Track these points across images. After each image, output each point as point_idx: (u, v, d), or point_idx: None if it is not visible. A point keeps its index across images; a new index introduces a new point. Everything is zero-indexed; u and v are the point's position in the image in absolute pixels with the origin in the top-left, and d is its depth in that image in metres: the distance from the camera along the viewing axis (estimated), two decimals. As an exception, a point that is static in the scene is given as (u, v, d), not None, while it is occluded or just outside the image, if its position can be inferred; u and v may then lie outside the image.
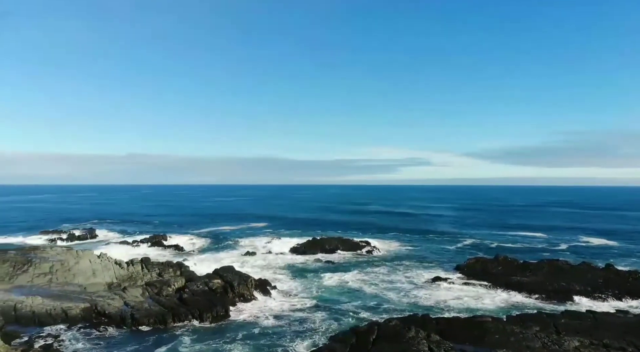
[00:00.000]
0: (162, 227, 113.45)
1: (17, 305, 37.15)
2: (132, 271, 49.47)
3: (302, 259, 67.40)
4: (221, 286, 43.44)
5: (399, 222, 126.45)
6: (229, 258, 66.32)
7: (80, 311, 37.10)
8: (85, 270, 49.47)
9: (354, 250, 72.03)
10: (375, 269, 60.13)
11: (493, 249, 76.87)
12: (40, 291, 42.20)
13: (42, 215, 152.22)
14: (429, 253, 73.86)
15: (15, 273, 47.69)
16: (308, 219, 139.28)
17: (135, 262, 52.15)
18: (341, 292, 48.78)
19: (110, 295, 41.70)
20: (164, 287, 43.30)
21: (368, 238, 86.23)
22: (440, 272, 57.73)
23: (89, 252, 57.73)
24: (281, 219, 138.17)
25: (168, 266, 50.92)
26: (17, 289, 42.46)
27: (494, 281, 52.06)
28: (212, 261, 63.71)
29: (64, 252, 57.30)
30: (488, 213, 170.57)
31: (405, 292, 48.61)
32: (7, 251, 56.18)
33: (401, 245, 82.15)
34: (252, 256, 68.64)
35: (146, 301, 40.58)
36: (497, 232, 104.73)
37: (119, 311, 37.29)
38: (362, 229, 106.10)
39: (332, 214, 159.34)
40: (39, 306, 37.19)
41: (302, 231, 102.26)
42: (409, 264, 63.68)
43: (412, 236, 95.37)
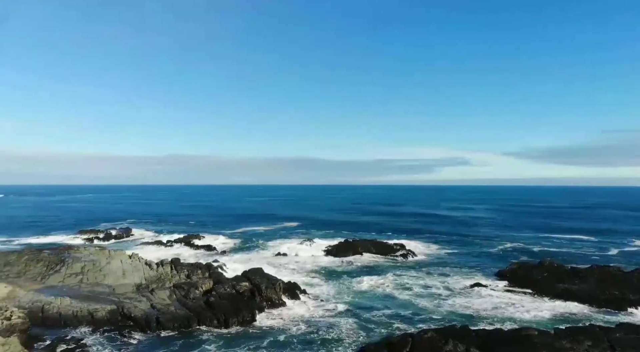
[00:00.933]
0: (197, 227, 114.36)
1: (45, 306, 37.07)
2: (161, 272, 49.00)
3: (333, 261, 65.48)
4: (248, 289, 42.12)
5: (435, 225, 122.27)
6: (259, 259, 65.28)
7: (106, 313, 36.60)
8: (116, 270, 49.43)
9: (388, 253, 69.36)
10: (410, 274, 57.41)
11: (537, 254, 72.44)
12: (69, 292, 42.20)
13: (82, 214, 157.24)
14: (467, 257, 70.29)
15: (48, 273, 48.19)
16: (342, 220, 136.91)
17: (165, 263, 51.75)
18: (373, 297, 46.53)
19: (138, 297, 41.17)
20: (192, 290, 42.39)
21: (403, 240, 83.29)
22: (480, 278, 54.48)
23: (120, 252, 58.01)
24: (314, 220, 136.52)
25: (197, 268, 50.16)
26: (48, 290, 42.62)
27: (539, 288, 48.45)
28: (243, 262, 62.79)
29: (96, 252, 57.83)
30: (531, 215, 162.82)
31: (441, 299, 45.79)
32: (42, 251, 57.19)
33: (438, 248, 78.78)
34: (283, 257, 67.42)
35: (173, 303, 39.77)
36: (541, 235, 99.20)
37: (145, 314, 36.55)
38: (397, 232, 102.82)
39: (367, 216, 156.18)
40: (66, 308, 36.97)
41: (334, 232, 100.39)
42: (446, 269, 60.54)
43: (449, 238, 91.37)
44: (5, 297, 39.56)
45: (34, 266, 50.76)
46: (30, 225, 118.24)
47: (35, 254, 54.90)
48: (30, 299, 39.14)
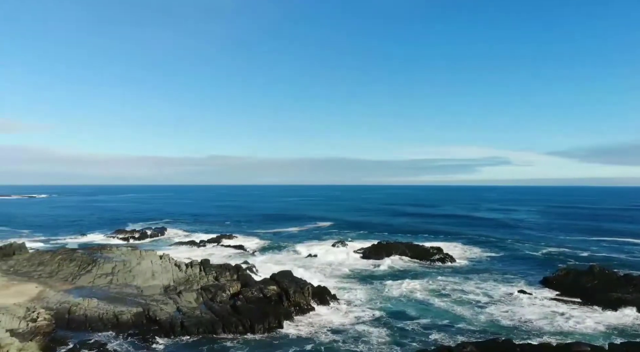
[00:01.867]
0: (230, 227, 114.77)
1: (72, 308, 36.79)
2: (189, 274, 48.31)
3: (366, 264, 63.22)
4: (276, 293, 40.61)
5: (475, 227, 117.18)
6: (289, 261, 63.94)
7: (131, 316, 35.92)
8: (145, 271, 49.12)
9: (424, 257, 66.29)
10: (447, 279, 54.38)
11: (585, 259, 67.55)
12: (98, 293, 42.01)
13: (121, 214, 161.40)
14: (509, 263, 66.33)
15: (79, 273, 48.40)
16: (376, 221, 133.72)
17: (194, 264, 51.07)
18: (408, 304, 44.03)
19: (165, 299, 40.44)
20: (219, 293, 41.33)
21: (440, 243, 80.00)
22: (524, 285, 50.97)
23: (151, 252, 57.93)
24: (347, 221, 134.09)
25: (225, 269, 49.16)
26: (77, 290, 42.62)
27: (589, 297, 44.62)
28: (273, 263, 61.62)
29: (128, 252, 57.99)
30: (577, 217, 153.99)
31: (480, 307, 42.78)
32: (76, 251, 57.92)
33: (477, 253, 74.89)
34: (314, 259, 65.77)
35: (199, 307, 38.77)
36: (589, 239, 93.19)
37: (170, 318, 35.61)
38: (434, 234, 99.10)
39: (402, 217, 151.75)
40: (93, 310, 36.54)
41: (368, 234, 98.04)
42: (486, 275, 57.10)
43: (490, 242, 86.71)
44: (35, 298, 39.76)
45: (67, 266, 51.25)
46: (70, 224, 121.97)
47: (69, 254, 55.58)
48: (59, 300, 39.10)
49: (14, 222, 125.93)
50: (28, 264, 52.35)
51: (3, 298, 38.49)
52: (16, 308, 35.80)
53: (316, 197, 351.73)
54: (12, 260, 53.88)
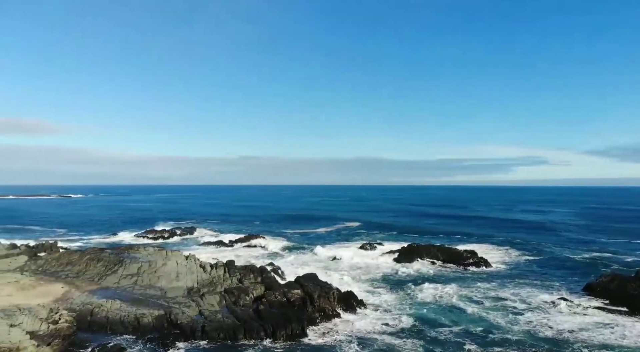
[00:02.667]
0: (259, 227, 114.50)
1: (95, 309, 36.44)
2: (214, 275, 47.49)
3: (395, 268, 60.90)
4: (300, 297, 39.15)
5: (510, 230, 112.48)
6: (316, 263, 62.43)
7: (153, 319, 35.24)
8: (170, 272, 48.63)
9: (457, 261, 63.41)
10: (481, 285, 51.65)
11: (630, 264, 63.26)
12: (122, 294, 41.64)
13: (152, 213, 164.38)
14: (548, 267, 62.69)
15: (105, 273, 48.34)
16: (406, 223, 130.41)
17: (219, 266, 50.32)
18: (440, 310, 41.80)
19: (188, 301, 39.64)
20: (242, 296, 40.25)
21: (474, 246, 76.84)
22: (564, 292, 47.86)
23: (177, 253, 57.60)
24: (376, 222, 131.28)
25: (250, 271, 48.11)
26: (102, 291, 42.39)
27: (636, 306, 41.18)
28: (299, 265, 60.38)
29: (155, 252, 57.84)
30: (619, 220, 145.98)
31: (517, 315, 40.09)
32: (104, 250, 58.18)
33: (513, 257, 71.30)
34: (341, 261, 64.02)
35: (221, 310, 37.75)
36: (635, 242, 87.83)
37: (191, 322, 34.73)
38: (467, 237, 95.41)
39: (433, 219, 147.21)
40: (115, 312, 36.07)
41: (397, 235, 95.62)
42: (523, 280, 53.93)
43: (526, 245, 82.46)
44: (60, 298, 39.70)
45: (94, 266, 51.40)
46: (102, 224, 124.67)
47: (97, 254, 55.87)
48: (82, 301, 38.87)
49: (49, 222, 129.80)
50: (57, 264, 52.83)
51: (28, 298, 38.59)
52: (39, 309, 35.69)
53: (345, 197, 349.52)
54: (42, 259, 54.58)
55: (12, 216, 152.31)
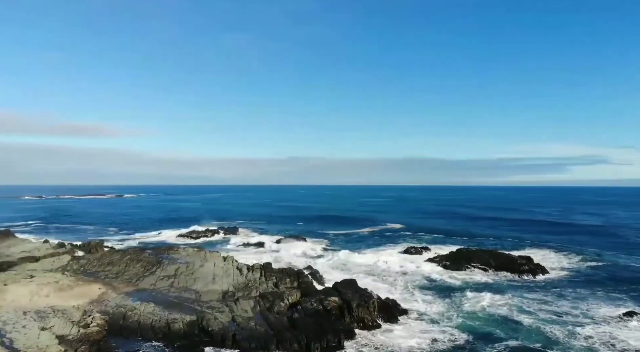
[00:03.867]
0: (302, 227, 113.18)
1: (128, 313, 35.57)
2: (249, 279, 45.83)
3: (443, 274, 56.94)
4: (337, 306, 36.55)
5: (569, 233, 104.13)
6: (357, 267, 59.38)
7: (184, 325, 33.85)
8: (207, 274, 47.51)
9: (511, 267, 58.47)
10: (538, 294, 47.13)
11: None
12: (157, 297, 40.71)
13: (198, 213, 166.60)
14: (613, 276, 56.52)
15: (144, 274, 47.85)
16: (455, 225, 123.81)
17: (255, 269, 48.65)
18: (492, 322, 38.06)
19: (221, 306, 38.07)
20: (277, 302, 38.20)
21: (529, 250, 71.31)
22: (631, 304, 42.74)
23: (215, 254, 56.62)
24: (423, 223, 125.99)
25: (286, 275, 46.03)
26: (138, 293, 41.69)
27: None
28: (339, 269, 57.85)
29: (193, 253, 57.14)
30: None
31: (578, 328, 36.05)
32: (144, 251, 58.06)
33: (573, 263, 65.23)
34: (384, 265, 60.63)
35: (255, 317, 35.84)
36: None
37: (223, 329, 33.03)
38: (521, 241, 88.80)
39: (485, 221, 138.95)
40: (147, 316, 35.01)
41: (445, 238, 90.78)
42: (585, 291, 48.75)
43: (588, 251, 75.20)
44: (96, 300, 39.26)
45: (133, 267, 51.16)
46: (148, 223, 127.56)
47: (137, 254, 55.79)
48: (117, 303, 38.20)
49: (101, 221, 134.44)
50: (98, 264, 53.07)
51: (65, 299, 38.39)
52: (73, 311, 35.25)
53: (392, 198, 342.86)
54: (84, 259, 55.09)
55: (67, 214, 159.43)
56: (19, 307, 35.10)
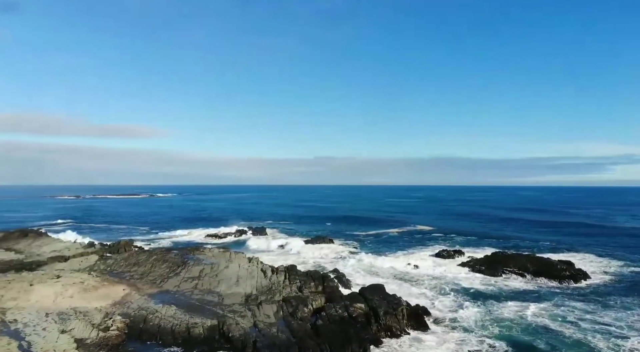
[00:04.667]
0: (330, 228, 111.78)
1: (149, 316, 34.83)
2: (273, 281, 44.59)
3: (477, 279, 54.20)
4: (364, 313, 34.76)
5: (612, 236, 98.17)
6: (386, 271, 57.04)
7: (204, 330, 32.82)
8: (231, 276, 46.57)
9: (550, 272, 55.09)
10: (578, 302, 44.00)
11: None
12: (179, 299, 39.95)
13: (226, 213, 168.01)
14: (664, 283, 52.51)
15: (168, 276, 47.33)
16: (488, 227, 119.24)
17: (280, 271, 47.40)
18: (530, 332, 35.53)
19: (244, 310, 36.90)
20: (300, 307, 36.76)
21: (568, 255, 67.41)
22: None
23: (241, 255, 55.73)
24: (455, 225, 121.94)
25: (311, 278, 44.56)
26: (161, 295, 41.05)
27: None
28: (366, 272, 55.91)
29: (219, 254, 56.41)
30: None
31: (622, 341, 33.10)
32: (171, 251, 57.72)
33: (617, 269, 60.99)
34: (414, 269, 58.22)
35: (277, 322, 34.49)
36: None
37: (244, 335, 31.81)
38: (560, 244, 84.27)
39: (520, 223, 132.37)
40: (168, 320, 34.17)
41: (478, 241, 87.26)
42: (629, 298, 45.32)
43: (633, 256, 70.51)
44: (119, 301, 38.78)
45: (159, 267, 50.80)
46: (179, 222, 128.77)
47: (163, 254, 55.49)
48: (140, 305, 37.59)
49: (134, 220, 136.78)
50: (124, 264, 53.02)
51: (88, 300, 38.08)
52: (95, 313, 34.81)
53: (421, 198, 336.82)
54: (112, 259, 55.19)
55: (101, 214, 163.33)
56: (42, 309, 34.93)
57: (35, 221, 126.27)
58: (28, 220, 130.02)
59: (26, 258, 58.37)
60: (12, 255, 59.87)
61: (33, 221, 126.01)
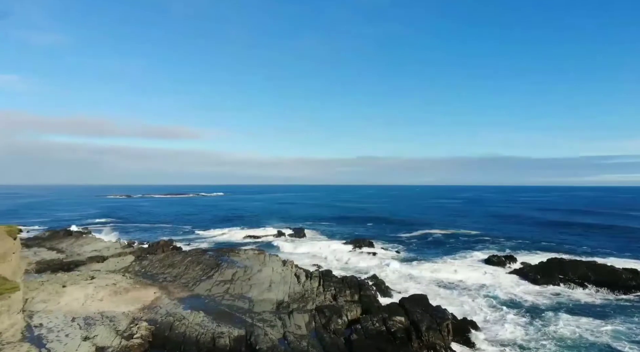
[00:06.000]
0: (371, 230, 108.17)
1: (176, 323, 33.18)
2: (307, 288, 42.12)
3: (530, 288, 49.45)
4: (403, 327, 31.52)
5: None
6: (428, 279, 52.75)
7: (230, 340, 30.72)
8: (264, 281, 44.60)
9: (614, 282, 49.39)
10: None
11: None
12: (209, 305, 38.24)
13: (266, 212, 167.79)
14: None
15: (200, 279, 46.01)
16: (541, 231, 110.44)
17: (314, 276, 44.88)
18: None
19: (274, 319, 34.63)
20: (334, 318, 34.04)
21: (636, 262, 60.82)
22: None
23: (275, 258, 53.81)
24: (506, 228, 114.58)
25: (347, 286, 41.69)
26: (191, 299, 39.54)
27: None
28: (408, 280, 52.19)
29: (253, 256, 54.82)
30: None
31: None
32: (206, 252, 56.69)
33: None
34: (460, 277, 53.94)
35: (308, 335, 31.94)
36: None
37: (272, 348, 29.45)
38: (622, 250, 76.51)
39: (576, 226, 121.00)
40: (194, 328, 32.38)
41: (531, 245, 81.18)
42: None
43: None
44: (148, 306, 37.53)
45: (192, 269, 49.71)
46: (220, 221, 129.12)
47: (198, 256, 54.49)
48: (168, 310, 36.14)
49: (176, 219, 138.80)
50: (159, 265, 52.34)
51: (117, 304, 37.06)
52: (122, 318, 33.60)
53: (468, 199, 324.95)
54: (147, 260, 54.71)
55: (147, 213, 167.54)
56: (70, 312, 34.12)
57: (82, 220, 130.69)
58: (76, 219, 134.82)
59: (66, 258, 59.05)
60: (54, 254, 60.86)
61: (80, 220, 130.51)
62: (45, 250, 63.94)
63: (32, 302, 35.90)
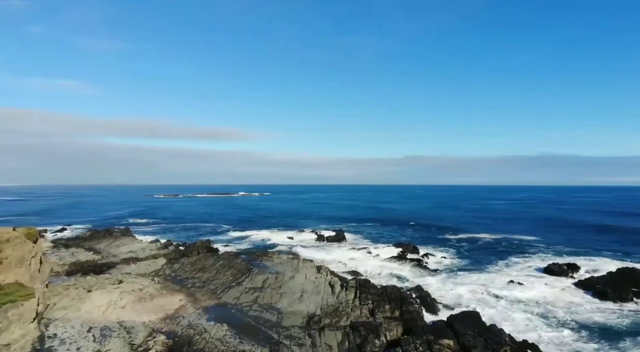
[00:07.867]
0: (417, 234, 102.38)
1: (196, 337, 30.35)
2: (341, 300, 38.28)
3: (599, 304, 43.12)
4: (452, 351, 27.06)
5: None
6: (480, 290, 47.11)
7: (252, 360, 27.48)
8: (295, 289, 41.27)
9: None
10: None
11: None
12: (234, 315, 35.30)
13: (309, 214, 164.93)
14: None
15: (230, 285, 43.35)
16: (607, 236, 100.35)
17: (350, 286, 40.92)
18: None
19: (302, 336, 31.11)
20: (370, 338, 30.06)
21: None
22: None
23: (309, 263, 50.36)
24: (566, 232, 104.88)
25: (386, 299, 37.43)
26: (216, 309, 36.78)
27: None
28: (458, 292, 46.87)
29: (287, 261, 51.70)
30: None
31: None
32: (238, 256, 54.16)
33: None
34: (516, 288, 48.13)
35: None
36: None
37: (297, 371, 25.92)
38: None
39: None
40: (214, 344, 29.40)
41: (594, 251, 73.06)
42: None
43: None
44: (171, 315, 35.04)
45: (223, 274, 47.24)
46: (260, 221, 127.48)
47: (230, 260, 52.05)
48: (191, 321, 33.47)
49: (219, 219, 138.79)
50: (190, 269, 50.27)
51: (138, 313, 34.80)
52: (141, 330, 31.18)
53: (522, 200, 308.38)
54: (179, 263, 52.85)
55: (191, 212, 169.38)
56: (88, 321, 32.10)
57: (125, 219, 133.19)
58: (121, 218, 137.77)
59: (101, 259, 58.35)
60: (90, 255, 60.39)
61: (123, 219, 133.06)
62: (83, 251, 63.79)
63: (53, 308, 34.29)
